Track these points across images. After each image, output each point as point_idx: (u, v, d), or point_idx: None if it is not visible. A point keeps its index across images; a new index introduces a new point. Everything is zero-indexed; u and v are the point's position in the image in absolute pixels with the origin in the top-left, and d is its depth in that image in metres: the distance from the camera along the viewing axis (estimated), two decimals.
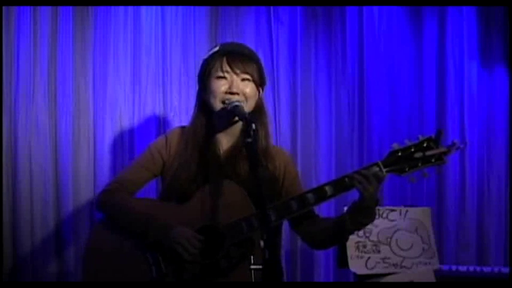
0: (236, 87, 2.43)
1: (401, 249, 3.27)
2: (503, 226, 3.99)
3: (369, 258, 3.23)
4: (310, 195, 2.35)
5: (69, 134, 3.23)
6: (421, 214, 3.35)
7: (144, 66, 3.39)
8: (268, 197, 2.39)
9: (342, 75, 3.81)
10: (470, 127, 3.98)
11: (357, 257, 3.22)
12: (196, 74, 2.58)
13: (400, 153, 2.35)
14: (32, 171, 3.15)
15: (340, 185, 2.34)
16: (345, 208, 2.46)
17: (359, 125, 3.82)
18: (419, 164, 2.35)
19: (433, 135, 2.38)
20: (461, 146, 2.40)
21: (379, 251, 3.24)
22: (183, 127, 2.61)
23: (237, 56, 2.48)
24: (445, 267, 3.46)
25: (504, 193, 4.01)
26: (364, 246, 3.24)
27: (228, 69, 2.45)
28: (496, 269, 3.45)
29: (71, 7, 3.24)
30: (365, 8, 3.85)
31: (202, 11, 3.53)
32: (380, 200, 2.38)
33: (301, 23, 3.73)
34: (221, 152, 2.51)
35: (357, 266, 3.21)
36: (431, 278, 3.25)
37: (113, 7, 3.33)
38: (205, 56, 2.54)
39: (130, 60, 3.37)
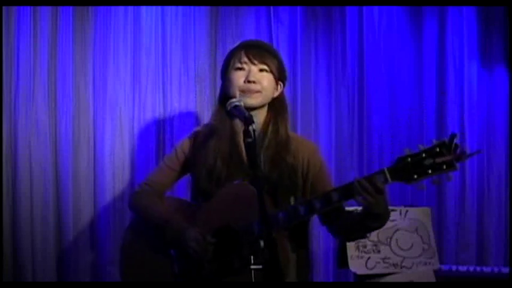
0: (253, 76, 2.48)
1: (401, 249, 3.28)
2: (503, 226, 3.98)
3: (369, 258, 3.23)
4: (316, 202, 2.32)
5: (69, 134, 3.23)
6: (421, 214, 3.35)
7: (144, 66, 3.39)
8: (290, 189, 2.46)
9: (342, 75, 3.80)
10: (470, 127, 3.97)
11: (357, 257, 3.22)
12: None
13: (409, 159, 2.20)
14: (32, 171, 3.15)
15: (346, 193, 2.29)
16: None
17: (359, 125, 3.82)
18: (429, 171, 2.18)
19: (446, 140, 2.18)
20: (474, 153, 2.25)
21: (379, 251, 3.24)
22: (206, 125, 2.67)
23: (255, 48, 2.56)
24: (445, 267, 3.46)
25: (504, 193, 4.00)
26: (364, 246, 3.24)
27: (246, 60, 2.51)
28: (496, 269, 3.45)
29: (71, 7, 3.24)
30: (365, 8, 3.84)
31: (202, 11, 3.53)
32: (388, 204, 2.30)
33: (301, 23, 3.72)
34: (242, 149, 2.50)
35: (357, 266, 3.21)
36: (431, 278, 3.25)
37: (113, 7, 3.33)
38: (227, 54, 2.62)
39: (130, 60, 3.36)
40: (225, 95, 2.55)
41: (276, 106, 2.55)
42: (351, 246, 3.22)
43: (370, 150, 3.81)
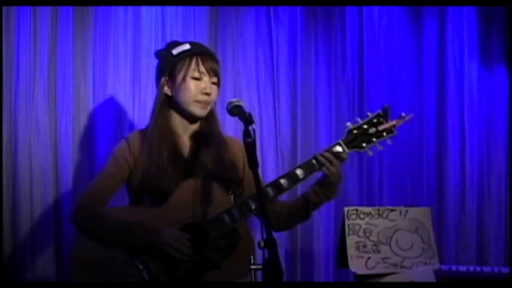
0: (209, 88, 2.55)
1: (401, 249, 3.27)
2: (503, 226, 3.99)
3: (369, 258, 3.23)
4: (283, 181, 2.47)
5: (69, 134, 3.23)
6: (421, 214, 3.35)
7: (144, 66, 3.39)
8: (236, 182, 2.57)
9: (342, 75, 3.81)
10: (470, 127, 3.98)
11: (357, 257, 3.22)
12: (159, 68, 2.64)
13: (355, 131, 2.53)
14: (32, 171, 3.15)
15: (310, 167, 2.49)
16: None
17: None
18: (374, 139, 2.54)
19: (380, 111, 2.58)
20: (408, 118, 2.61)
21: (379, 251, 3.24)
22: (142, 130, 2.66)
23: (208, 57, 2.60)
24: (445, 267, 3.46)
25: (504, 193, 4.01)
26: (364, 246, 3.24)
27: (203, 70, 2.55)
28: (496, 269, 3.45)
29: (71, 7, 3.23)
30: (365, 8, 3.85)
31: (202, 11, 3.53)
32: (342, 176, 2.55)
33: (301, 23, 3.73)
34: (185, 151, 2.58)
35: (357, 266, 3.21)
36: (431, 278, 3.25)
37: (113, 7, 3.33)
38: (174, 52, 2.58)
39: (130, 60, 3.36)
40: (170, 97, 2.58)
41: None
42: (351, 246, 3.22)
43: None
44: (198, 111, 2.55)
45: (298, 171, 2.47)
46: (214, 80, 2.58)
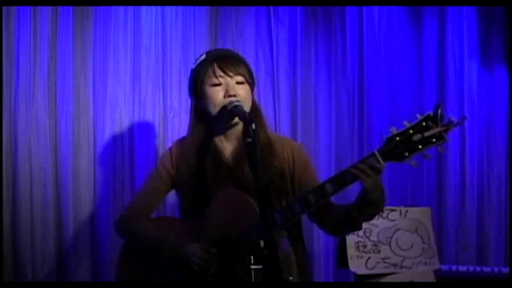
0: (233, 89, 2.43)
1: (401, 249, 3.28)
2: (503, 226, 3.98)
3: (369, 258, 3.23)
4: (311, 197, 2.31)
5: (69, 134, 3.23)
6: (421, 214, 3.36)
7: (144, 66, 3.39)
8: (281, 192, 2.45)
9: (342, 75, 3.81)
10: (470, 127, 3.98)
11: (357, 257, 3.22)
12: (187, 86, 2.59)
13: (398, 138, 2.20)
14: (32, 171, 3.15)
15: (340, 181, 2.28)
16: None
17: (359, 125, 3.82)
18: (420, 147, 2.18)
19: (431, 113, 2.18)
20: (460, 121, 2.22)
21: (379, 251, 3.24)
22: (183, 138, 2.62)
23: (226, 59, 2.49)
24: (445, 267, 3.46)
25: (504, 193, 4.00)
26: (364, 246, 3.24)
27: (221, 73, 2.44)
28: (496, 269, 3.45)
29: (71, 7, 3.24)
30: (365, 8, 3.85)
31: (202, 11, 3.53)
32: (385, 189, 2.29)
33: (301, 23, 3.73)
34: (226, 157, 2.51)
35: (357, 266, 3.22)
36: (431, 278, 3.25)
37: (113, 7, 3.33)
38: (193, 66, 2.53)
39: (130, 60, 3.37)
40: (200, 111, 2.51)
41: (252, 113, 2.46)
42: (351, 246, 3.22)
43: (370, 150, 3.80)
44: None
45: (327, 185, 2.28)
46: (239, 79, 2.46)
